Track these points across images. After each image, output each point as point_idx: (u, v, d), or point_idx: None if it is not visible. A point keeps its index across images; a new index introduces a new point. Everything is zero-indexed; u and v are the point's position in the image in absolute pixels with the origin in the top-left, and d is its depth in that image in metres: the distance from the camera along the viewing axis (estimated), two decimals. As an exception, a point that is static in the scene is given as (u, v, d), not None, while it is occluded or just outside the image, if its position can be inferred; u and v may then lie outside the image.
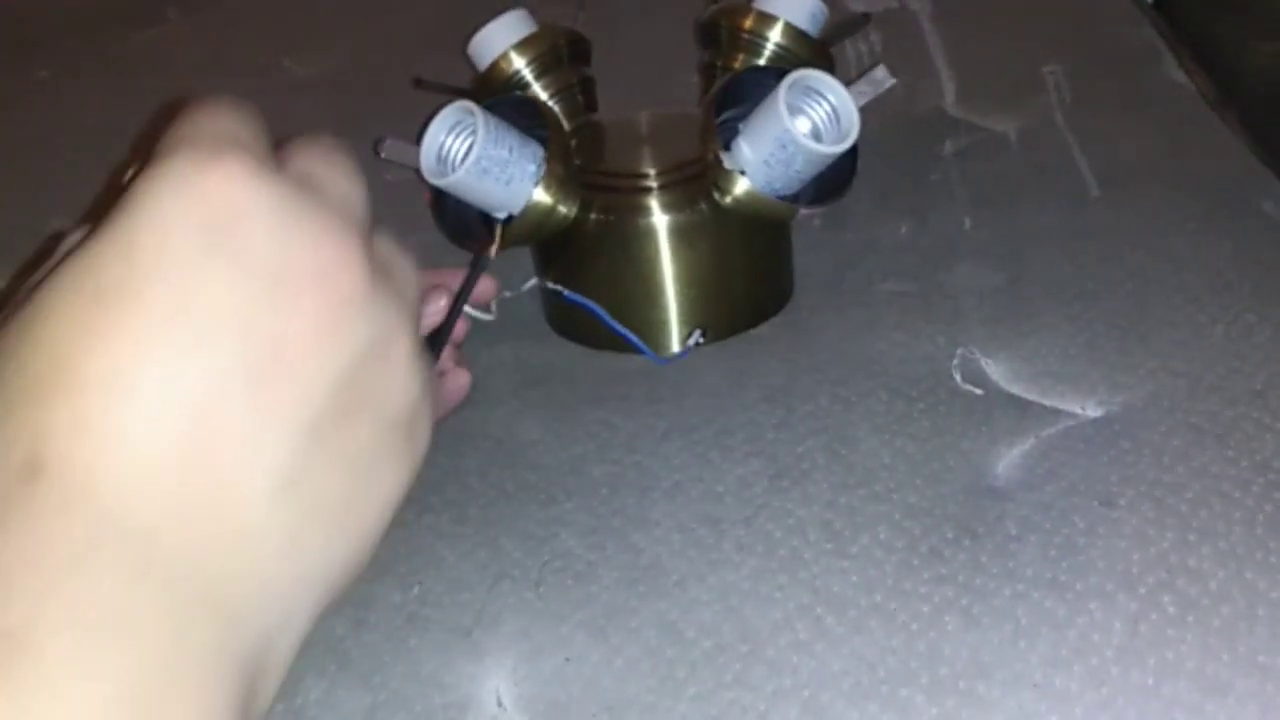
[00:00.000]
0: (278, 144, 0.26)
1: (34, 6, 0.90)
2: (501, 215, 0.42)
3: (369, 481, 0.23)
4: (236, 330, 0.20)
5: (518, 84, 0.46)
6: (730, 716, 0.30)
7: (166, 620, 0.19)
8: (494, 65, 0.47)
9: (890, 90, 0.41)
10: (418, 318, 0.26)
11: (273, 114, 0.27)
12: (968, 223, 0.51)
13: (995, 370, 0.42)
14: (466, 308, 0.39)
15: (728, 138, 0.42)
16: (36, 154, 0.67)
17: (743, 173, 0.41)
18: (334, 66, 0.75)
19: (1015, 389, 0.41)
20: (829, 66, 0.46)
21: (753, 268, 0.46)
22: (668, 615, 0.33)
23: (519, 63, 0.46)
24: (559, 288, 0.44)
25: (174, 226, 0.20)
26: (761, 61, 0.46)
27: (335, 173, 0.25)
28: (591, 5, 0.50)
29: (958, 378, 0.41)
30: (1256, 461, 0.36)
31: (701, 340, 0.44)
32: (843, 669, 0.31)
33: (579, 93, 0.48)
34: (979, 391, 0.41)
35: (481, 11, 0.48)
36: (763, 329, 0.45)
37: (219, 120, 0.23)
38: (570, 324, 0.46)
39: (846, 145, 0.39)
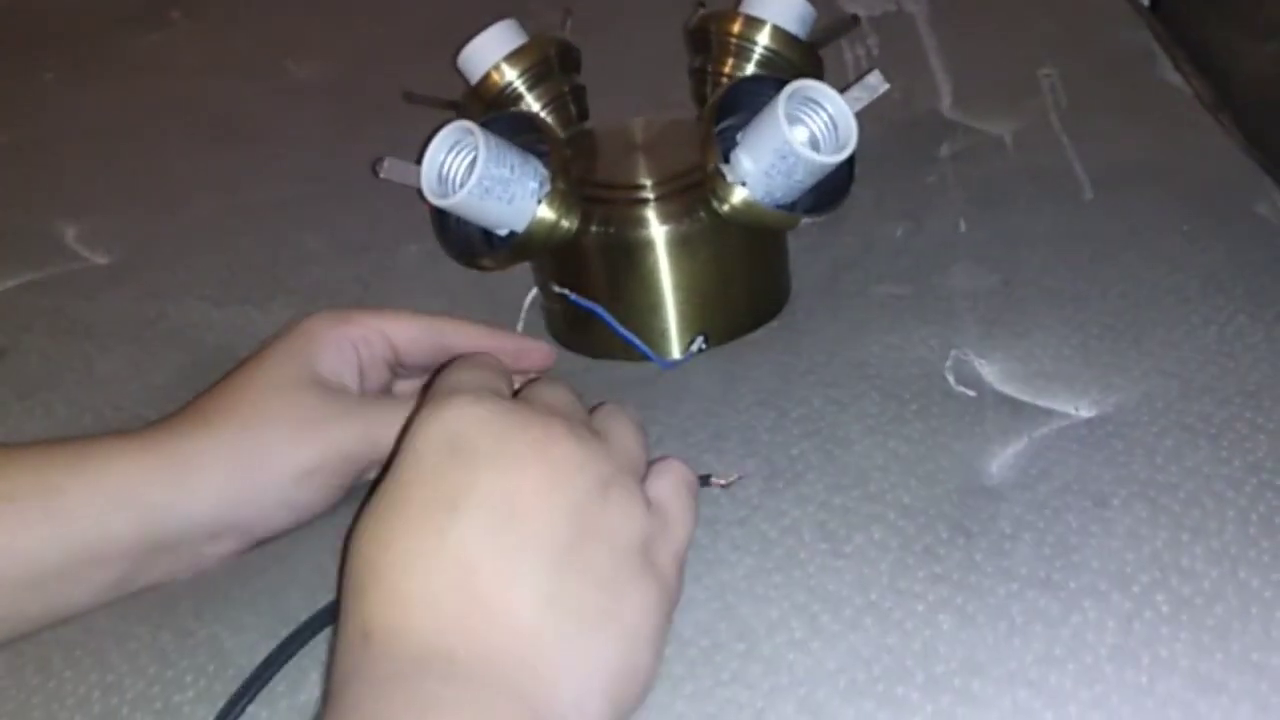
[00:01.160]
0: None
1: (39, 9, 0.90)
2: (503, 232, 0.42)
3: (619, 595, 0.28)
4: (477, 503, 0.28)
5: (511, 96, 0.46)
6: (727, 714, 0.30)
7: (474, 707, 0.26)
8: (486, 77, 0.47)
9: (886, 94, 0.41)
10: (641, 468, 0.32)
11: (274, 116, 0.28)
12: (963, 225, 0.51)
13: (989, 371, 0.42)
14: None
15: (726, 147, 0.42)
16: (42, 155, 0.68)
17: (743, 184, 0.41)
18: (335, 69, 0.75)
19: (1009, 390, 0.41)
20: (818, 68, 0.46)
21: (750, 275, 0.46)
22: (665, 614, 0.33)
23: (511, 74, 0.46)
24: (565, 291, 0.44)
25: (427, 449, 0.29)
26: (751, 65, 0.46)
27: (542, 388, 0.33)
28: (575, 11, 0.50)
29: (951, 379, 0.42)
30: (1249, 461, 0.36)
31: (704, 346, 0.44)
32: (838, 667, 0.31)
33: (571, 101, 0.48)
34: (972, 393, 0.41)
35: (481, 14, 0.49)
36: (757, 332, 0.46)
37: (463, 374, 0.32)
38: (571, 333, 0.46)
39: (845, 154, 0.40)
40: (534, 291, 0.46)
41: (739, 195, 0.41)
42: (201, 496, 0.34)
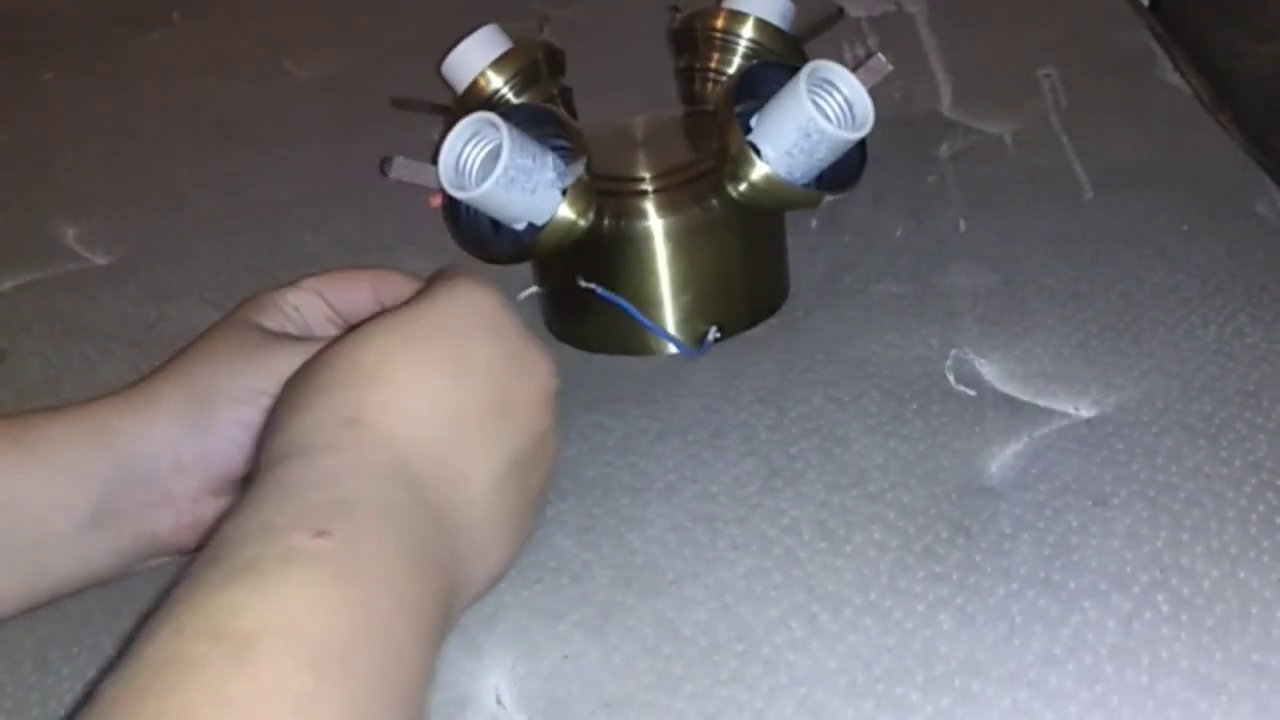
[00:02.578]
0: None
1: (39, 9, 0.90)
2: (520, 226, 0.42)
3: (528, 513, 0.33)
4: (487, 380, 0.32)
5: (499, 101, 0.46)
6: (727, 714, 0.30)
7: (424, 527, 0.29)
8: (473, 84, 0.46)
9: (887, 93, 0.41)
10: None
11: (274, 116, 0.28)
12: (963, 224, 0.51)
13: (989, 371, 0.42)
14: None
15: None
16: (42, 155, 0.68)
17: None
18: (335, 69, 0.75)
19: (1009, 389, 0.41)
20: (802, 60, 0.46)
21: (750, 269, 0.46)
22: (664, 614, 0.33)
23: (498, 81, 0.46)
24: (593, 286, 0.43)
25: (461, 312, 0.33)
26: (737, 59, 0.46)
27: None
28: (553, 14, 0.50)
29: (951, 378, 0.42)
30: (1249, 461, 0.36)
31: (719, 336, 0.44)
32: (838, 667, 0.31)
33: (559, 103, 0.47)
34: (972, 392, 0.41)
35: (481, 14, 0.49)
36: (757, 330, 0.46)
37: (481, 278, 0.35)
38: (566, 327, 0.46)
39: (866, 130, 0.40)
40: (532, 289, 0.46)
41: (761, 171, 0.41)
42: (161, 426, 0.36)
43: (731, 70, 0.46)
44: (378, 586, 0.26)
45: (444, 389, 0.31)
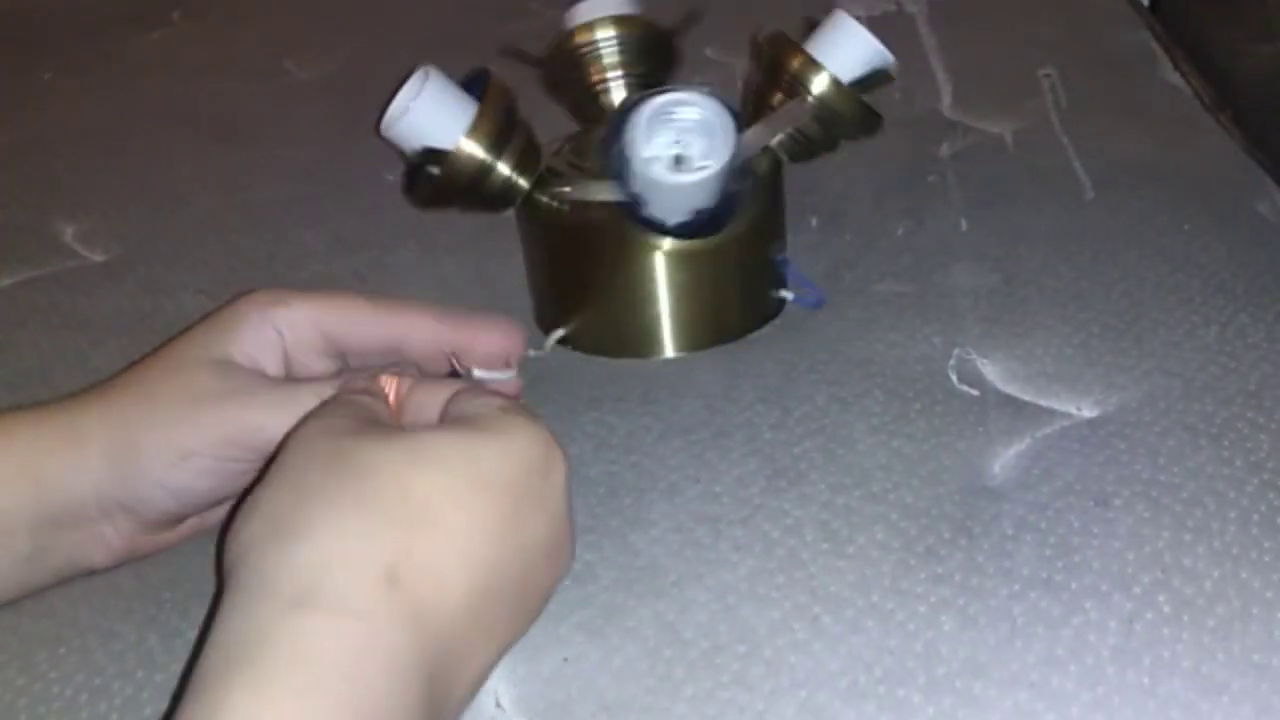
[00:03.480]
0: None
1: (39, 9, 0.90)
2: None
3: (532, 593, 0.30)
4: (527, 558, 0.29)
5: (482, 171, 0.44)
6: (728, 716, 0.30)
7: (408, 644, 0.26)
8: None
9: (888, 92, 0.41)
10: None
11: (273, 115, 0.28)
12: (964, 224, 0.51)
13: (991, 371, 0.42)
14: (482, 373, 0.37)
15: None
16: (41, 154, 0.68)
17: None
18: (335, 69, 0.75)
19: (1011, 389, 0.41)
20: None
21: (748, 279, 0.46)
22: (665, 615, 0.33)
23: (474, 148, 0.42)
24: (788, 294, 0.45)
25: (528, 468, 0.29)
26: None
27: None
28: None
29: (954, 378, 0.42)
30: (1251, 461, 0.36)
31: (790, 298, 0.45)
32: (840, 668, 0.31)
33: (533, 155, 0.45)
34: (975, 392, 0.41)
35: (481, 13, 0.48)
36: (760, 330, 0.46)
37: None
38: (567, 333, 0.46)
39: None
40: (559, 332, 0.45)
41: (824, 81, 0.41)
42: (84, 471, 0.33)
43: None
44: None
45: (486, 558, 0.27)
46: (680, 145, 0.40)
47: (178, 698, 0.26)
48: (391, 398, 0.33)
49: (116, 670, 0.33)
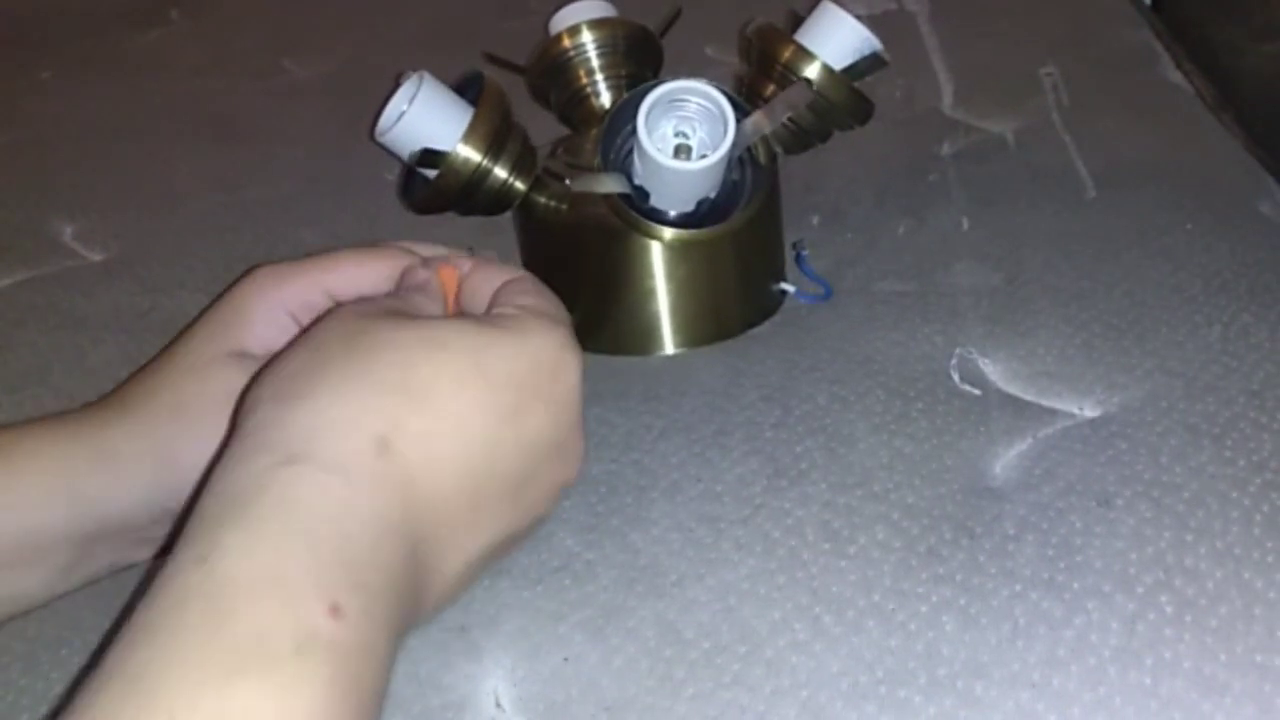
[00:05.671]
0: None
1: (37, 8, 0.90)
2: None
3: (505, 554, 0.31)
4: (527, 455, 0.29)
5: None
6: (729, 717, 0.30)
7: (408, 600, 0.26)
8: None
9: (889, 92, 0.41)
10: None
11: (272, 115, 0.28)
12: (965, 223, 0.51)
13: (993, 370, 0.42)
14: None
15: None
16: (39, 154, 0.68)
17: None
18: (334, 68, 0.75)
19: (1013, 389, 0.41)
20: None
21: (747, 273, 0.46)
22: (666, 615, 0.33)
23: (470, 152, 0.42)
24: (789, 287, 0.45)
25: (538, 365, 0.30)
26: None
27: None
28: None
29: (955, 377, 0.42)
30: (1253, 461, 0.36)
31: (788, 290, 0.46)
32: (841, 669, 0.31)
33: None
34: (977, 391, 0.41)
35: (481, 13, 0.48)
36: (761, 327, 0.45)
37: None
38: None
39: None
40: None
41: (816, 69, 0.41)
42: (132, 488, 0.33)
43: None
44: (373, 680, 0.24)
45: (481, 442, 0.28)
46: (681, 136, 0.40)
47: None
48: (451, 289, 0.34)
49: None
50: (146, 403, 0.33)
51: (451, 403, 0.28)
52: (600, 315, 0.44)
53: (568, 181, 0.42)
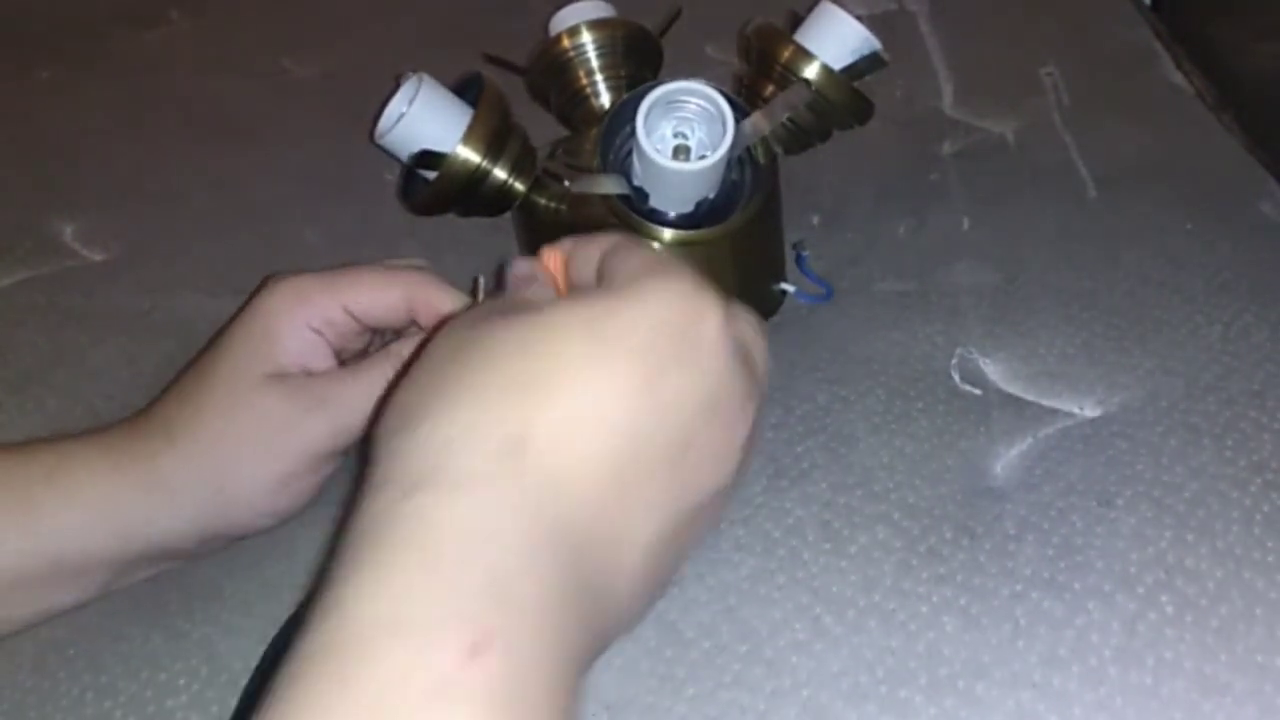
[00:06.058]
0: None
1: (36, 8, 0.90)
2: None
3: (678, 566, 0.27)
4: (675, 419, 0.25)
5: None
6: (729, 716, 0.30)
7: (583, 611, 0.24)
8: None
9: (889, 91, 0.41)
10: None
11: (272, 114, 0.27)
12: (966, 223, 0.51)
13: (993, 370, 0.42)
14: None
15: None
16: (38, 154, 0.67)
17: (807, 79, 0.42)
18: (334, 67, 0.75)
19: (1013, 389, 0.41)
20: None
21: (747, 274, 0.45)
22: (666, 615, 0.33)
23: (470, 153, 0.42)
24: (789, 287, 0.45)
25: (669, 322, 0.26)
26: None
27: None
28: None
29: (956, 377, 0.41)
30: (1254, 461, 0.36)
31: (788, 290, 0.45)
32: (841, 669, 0.31)
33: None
34: (977, 391, 0.41)
35: (481, 13, 0.48)
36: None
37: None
38: None
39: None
40: None
41: (815, 69, 0.41)
42: (181, 516, 0.33)
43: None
44: (536, 706, 0.21)
45: (622, 421, 0.25)
46: (680, 137, 0.40)
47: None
48: (558, 271, 0.31)
49: (123, 669, 0.33)
50: (193, 431, 0.33)
51: (578, 386, 0.25)
52: None
53: (567, 182, 0.42)
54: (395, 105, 0.42)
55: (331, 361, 0.35)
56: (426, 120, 0.42)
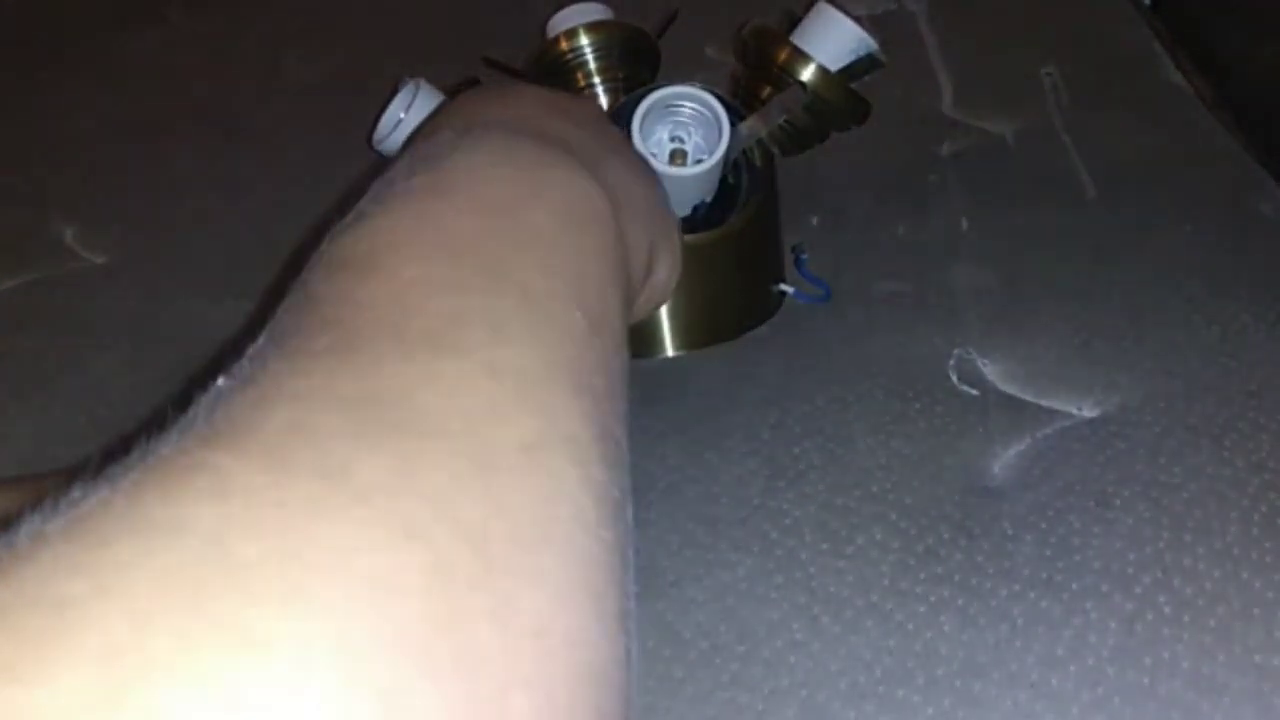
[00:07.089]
0: None
1: (34, 7, 0.90)
2: None
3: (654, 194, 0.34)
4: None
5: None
6: (727, 717, 0.30)
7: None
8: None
9: (888, 91, 0.41)
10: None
11: (273, 115, 0.28)
12: (965, 224, 0.51)
13: (992, 370, 0.42)
14: None
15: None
16: (39, 154, 0.68)
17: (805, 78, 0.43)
18: (334, 67, 0.75)
19: (1011, 389, 0.41)
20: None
21: (746, 276, 0.46)
22: (664, 616, 0.33)
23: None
24: (787, 289, 0.45)
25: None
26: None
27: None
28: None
29: (954, 378, 0.42)
30: (1252, 461, 0.36)
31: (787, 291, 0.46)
32: (839, 669, 0.31)
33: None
34: (975, 392, 0.41)
35: (481, 13, 0.48)
36: (760, 329, 0.46)
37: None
38: None
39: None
40: None
41: (812, 70, 0.41)
42: None
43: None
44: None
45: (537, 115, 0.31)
46: (677, 141, 0.40)
47: None
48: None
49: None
50: None
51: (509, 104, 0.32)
52: None
53: None
54: (392, 111, 0.42)
55: None
56: None
